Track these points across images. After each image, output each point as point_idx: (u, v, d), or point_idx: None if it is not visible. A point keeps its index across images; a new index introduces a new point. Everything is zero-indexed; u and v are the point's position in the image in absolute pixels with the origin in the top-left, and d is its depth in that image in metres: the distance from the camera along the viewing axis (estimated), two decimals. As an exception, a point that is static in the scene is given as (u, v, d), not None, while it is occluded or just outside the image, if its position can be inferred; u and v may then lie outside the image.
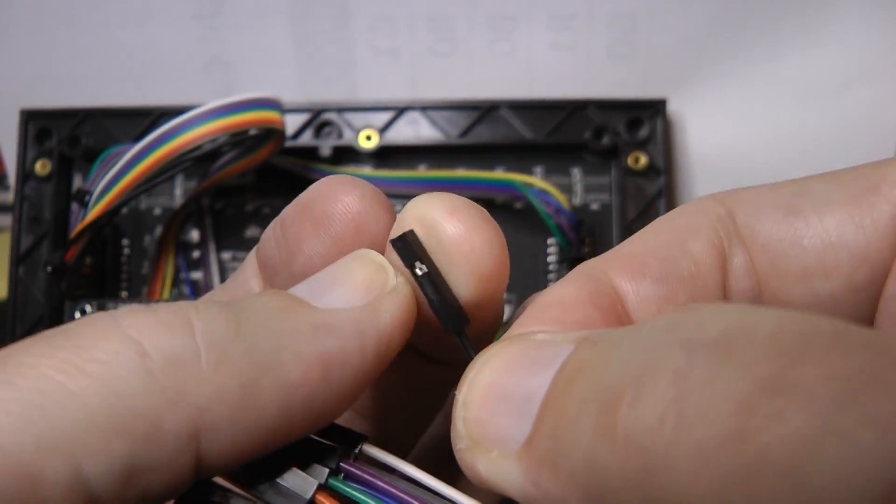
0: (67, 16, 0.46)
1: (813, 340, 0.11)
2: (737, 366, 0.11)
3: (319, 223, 0.17)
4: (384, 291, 0.16)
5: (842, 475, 0.10)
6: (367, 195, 0.18)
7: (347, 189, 0.17)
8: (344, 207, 0.17)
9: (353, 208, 0.17)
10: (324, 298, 0.15)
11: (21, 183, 0.43)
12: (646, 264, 0.16)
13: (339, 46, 0.46)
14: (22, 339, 0.14)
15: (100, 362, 0.13)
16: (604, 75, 0.45)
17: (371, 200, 0.18)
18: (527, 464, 0.13)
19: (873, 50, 0.42)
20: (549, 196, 0.39)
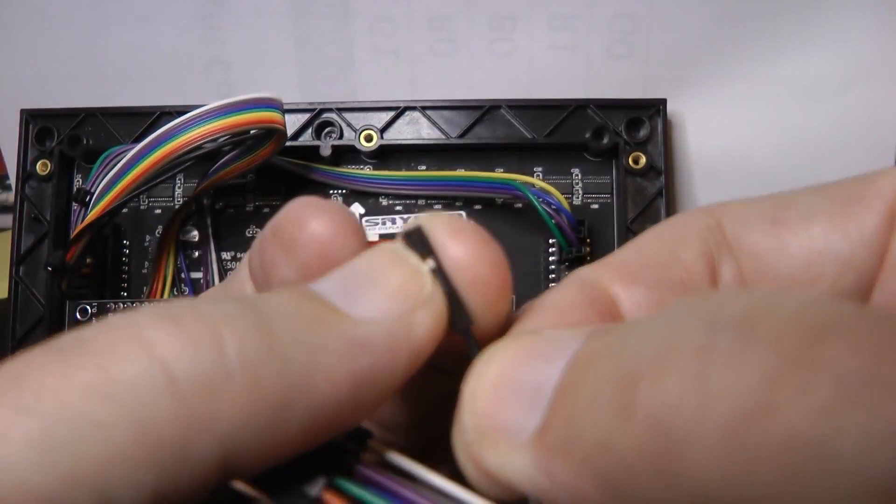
0: (68, 16, 0.46)
1: (837, 318, 0.11)
2: (761, 342, 0.11)
3: (288, 249, 0.16)
4: (419, 301, 0.15)
5: (870, 446, 0.09)
6: (335, 221, 0.16)
7: (314, 214, 0.16)
8: (310, 235, 0.16)
9: (320, 236, 0.16)
10: (357, 304, 0.14)
11: (21, 183, 0.43)
12: (638, 271, 0.16)
13: (339, 46, 0.46)
14: (32, 348, 0.13)
15: (125, 386, 0.12)
16: (604, 75, 0.45)
17: (340, 226, 0.16)
18: (538, 453, 0.13)
19: (873, 50, 0.42)
20: (549, 196, 0.39)
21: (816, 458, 0.10)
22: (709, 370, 0.11)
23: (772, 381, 0.10)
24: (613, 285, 0.16)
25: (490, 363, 0.14)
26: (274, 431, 0.13)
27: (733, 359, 0.11)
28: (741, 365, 0.11)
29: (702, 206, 0.17)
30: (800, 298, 0.12)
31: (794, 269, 0.16)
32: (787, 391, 0.10)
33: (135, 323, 0.13)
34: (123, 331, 0.13)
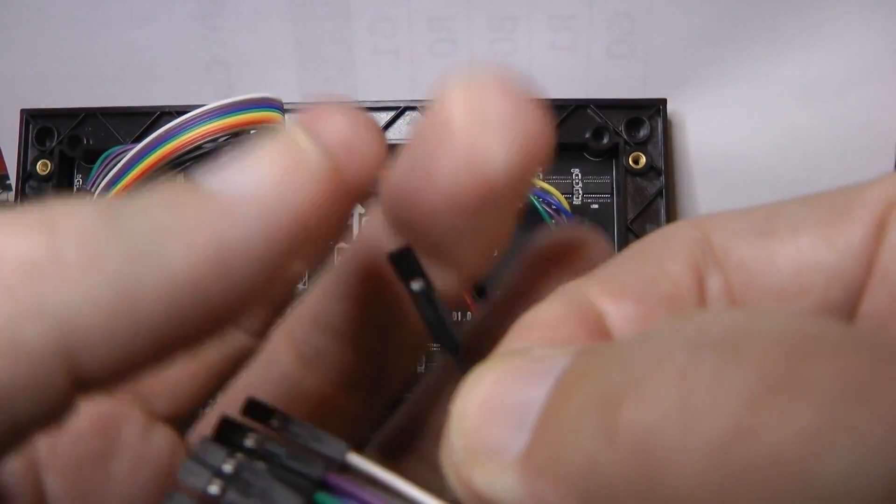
0: (68, 16, 0.46)
1: (821, 339, 0.11)
2: (743, 363, 0.11)
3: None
4: (297, 166, 0.13)
5: (852, 469, 0.09)
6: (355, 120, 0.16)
7: (334, 112, 0.15)
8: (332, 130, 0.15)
9: (342, 132, 0.15)
10: (224, 185, 0.13)
11: (21, 183, 0.43)
12: (625, 285, 0.16)
13: (339, 46, 0.46)
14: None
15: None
16: (604, 75, 0.45)
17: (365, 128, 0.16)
18: (525, 473, 0.13)
19: (873, 50, 0.42)
20: (549, 196, 0.39)
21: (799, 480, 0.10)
22: (691, 391, 0.11)
23: (754, 402, 0.10)
24: (601, 300, 0.16)
25: (478, 383, 0.14)
26: (123, 310, 0.12)
27: (715, 380, 0.11)
28: (723, 386, 0.10)
29: (689, 219, 0.17)
30: (784, 318, 0.12)
31: (782, 282, 0.15)
32: (769, 413, 0.10)
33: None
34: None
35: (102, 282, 0.12)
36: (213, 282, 0.12)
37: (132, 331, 0.12)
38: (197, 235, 0.12)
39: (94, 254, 0.12)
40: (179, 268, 0.12)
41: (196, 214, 0.12)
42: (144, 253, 0.12)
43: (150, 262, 0.12)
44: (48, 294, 0.11)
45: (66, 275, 0.12)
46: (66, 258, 0.12)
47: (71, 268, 0.12)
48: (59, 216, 0.12)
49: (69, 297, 0.11)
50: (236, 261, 0.13)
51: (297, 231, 0.13)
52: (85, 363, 0.12)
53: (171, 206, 0.13)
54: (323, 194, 0.13)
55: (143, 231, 0.12)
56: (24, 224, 0.12)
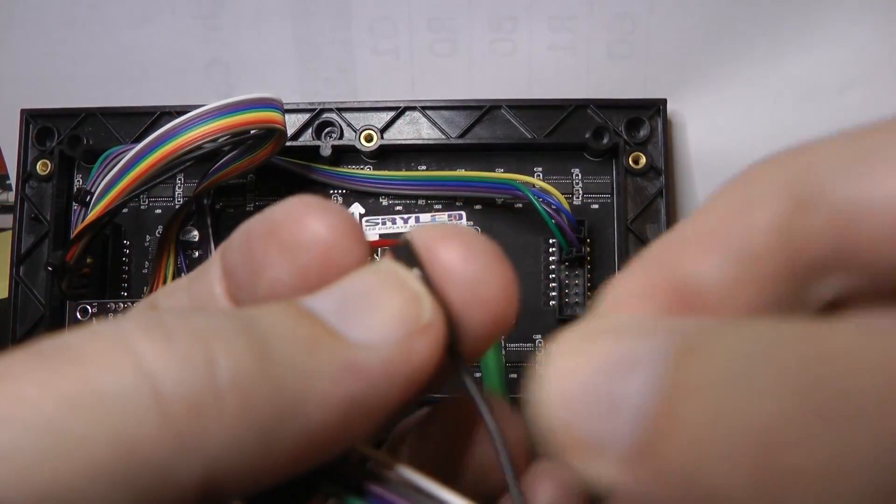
0: (68, 16, 0.47)
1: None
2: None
3: (286, 249, 0.15)
4: (418, 326, 0.14)
5: None
6: (339, 224, 0.15)
7: (318, 215, 0.15)
8: (313, 236, 0.15)
9: (323, 238, 0.15)
10: (354, 326, 0.14)
11: (22, 183, 0.43)
12: (712, 243, 0.14)
13: (339, 46, 0.46)
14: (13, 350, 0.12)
15: (108, 398, 0.11)
16: (604, 75, 0.45)
17: (344, 230, 0.15)
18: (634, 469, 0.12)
19: (873, 50, 0.42)
20: (549, 196, 0.39)
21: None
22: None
23: None
24: (685, 262, 0.14)
25: (569, 365, 0.13)
26: (262, 455, 0.12)
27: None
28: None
29: (785, 151, 0.14)
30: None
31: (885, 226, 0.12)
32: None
33: (122, 332, 0.12)
34: (110, 340, 0.12)
35: (252, 427, 0.12)
36: (339, 431, 0.13)
37: (264, 469, 0.13)
38: (334, 392, 0.13)
39: (248, 400, 0.12)
40: (315, 421, 0.13)
41: (334, 368, 0.13)
42: (289, 404, 0.13)
43: (292, 412, 0.13)
44: (205, 434, 0.12)
45: (223, 418, 0.12)
46: (225, 402, 0.12)
47: (228, 412, 0.12)
48: (217, 352, 0.12)
49: (222, 439, 0.12)
50: (361, 415, 0.13)
51: (411, 388, 0.14)
52: (219, 491, 0.12)
53: (312, 351, 0.13)
54: (433, 356, 0.14)
55: (289, 378, 0.13)
56: (185, 349, 0.12)
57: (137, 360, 0.12)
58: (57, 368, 0.11)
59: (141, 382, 0.12)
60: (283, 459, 0.13)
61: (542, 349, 0.42)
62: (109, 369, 0.12)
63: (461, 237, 0.15)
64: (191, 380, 0.12)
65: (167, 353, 0.12)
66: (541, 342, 0.42)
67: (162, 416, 0.11)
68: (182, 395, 0.12)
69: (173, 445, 0.11)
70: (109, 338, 0.12)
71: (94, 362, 0.12)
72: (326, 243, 0.15)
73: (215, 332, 0.12)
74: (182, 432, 0.12)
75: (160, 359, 0.12)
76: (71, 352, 0.12)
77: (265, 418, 0.12)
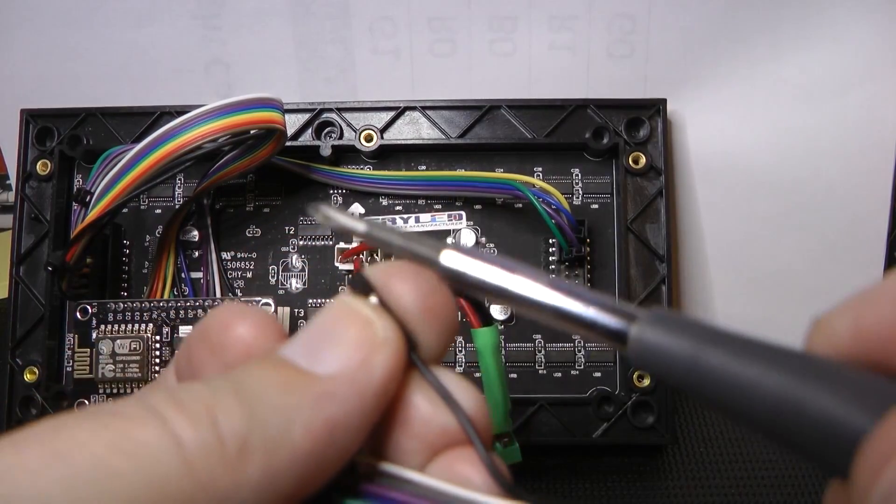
0: (68, 16, 0.47)
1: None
2: None
3: (215, 351, 0.18)
4: (375, 345, 0.17)
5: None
6: (259, 324, 0.18)
7: (240, 319, 0.18)
8: (236, 337, 0.18)
9: (246, 338, 0.18)
10: (320, 362, 0.17)
11: (22, 183, 0.43)
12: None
13: (339, 46, 0.46)
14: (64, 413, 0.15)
15: (144, 446, 0.15)
16: (604, 75, 0.45)
17: (264, 329, 0.18)
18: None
19: (872, 50, 0.42)
20: (549, 196, 0.39)
21: None
22: None
23: None
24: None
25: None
26: (265, 483, 0.15)
27: None
28: None
29: None
30: None
31: None
32: None
33: (149, 401, 0.16)
34: (141, 407, 0.15)
35: (252, 465, 0.15)
36: (325, 449, 0.16)
37: (271, 496, 0.15)
38: (313, 418, 0.16)
39: (246, 444, 0.15)
40: (303, 446, 0.16)
41: (310, 400, 0.16)
42: (279, 440, 0.16)
43: (283, 445, 0.16)
44: (218, 476, 0.15)
45: (229, 461, 0.15)
46: (228, 448, 0.15)
47: (232, 456, 0.15)
48: (217, 412, 0.16)
49: (232, 478, 0.15)
50: (341, 431, 0.16)
51: (382, 398, 0.17)
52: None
53: (290, 392, 0.16)
54: (395, 366, 0.17)
55: (275, 419, 0.16)
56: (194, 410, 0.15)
57: (162, 419, 0.15)
58: (103, 421, 0.15)
59: (166, 435, 0.15)
60: (285, 484, 0.16)
61: (541, 350, 0.42)
62: (142, 425, 0.15)
63: (407, 268, 0.18)
64: (202, 432, 0.15)
65: (182, 413, 0.15)
66: (540, 342, 0.42)
67: (183, 459, 0.15)
68: (196, 443, 0.15)
69: (192, 482, 0.15)
70: (140, 405, 0.15)
71: (131, 419, 0.15)
72: (249, 341, 0.18)
73: (212, 395, 0.16)
74: (199, 472, 0.15)
75: (177, 418, 0.15)
76: (113, 412, 0.15)
77: (260, 453, 0.15)
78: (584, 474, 0.41)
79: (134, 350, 0.38)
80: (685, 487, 0.40)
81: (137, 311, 0.39)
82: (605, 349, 0.41)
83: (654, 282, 0.40)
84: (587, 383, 0.41)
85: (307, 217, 0.43)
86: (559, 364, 0.41)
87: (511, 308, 0.21)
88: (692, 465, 0.41)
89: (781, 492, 0.39)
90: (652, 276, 0.41)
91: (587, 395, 0.41)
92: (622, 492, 0.40)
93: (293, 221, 0.43)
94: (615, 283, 0.41)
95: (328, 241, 0.43)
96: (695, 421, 0.44)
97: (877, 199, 0.43)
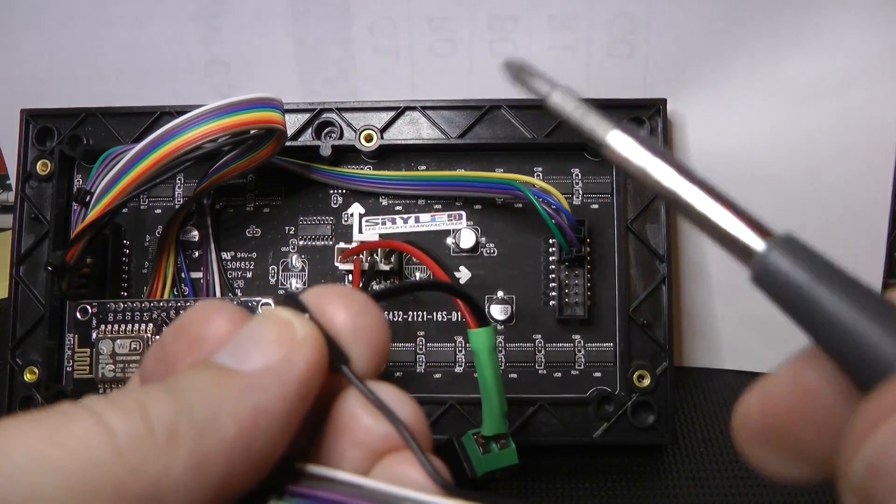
0: (68, 16, 0.47)
1: None
2: None
3: (193, 344, 0.19)
4: (295, 343, 0.19)
5: None
6: (236, 318, 0.20)
7: (218, 312, 0.20)
8: (215, 329, 0.19)
9: (224, 330, 0.19)
10: (245, 361, 0.18)
11: (21, 183, 0.43)
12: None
13: (339, 46, 0.46)
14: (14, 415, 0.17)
15: (77, 438, 0.16)
16: (604, 75, 0.45)
17: (240, 323, 0.20)
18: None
19: (872, 51, 0.42)
20: (549, 196, 0.39)
21: None
22: None
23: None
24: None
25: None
26: (195, 466, 0.16)
27: None
28: None
29: None
30: None
31: None
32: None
33: (83, 405, 0.17)
34: (78, 405, 0.17)
35: (182, 451, 0.16)
36: (252, 436, 0.17)
37: (202, 481, 0.16)
38: (240, 406, 0.17)
39: (175, 430, 0.16)
40: (230, 432, 0.17)
41: (236, 391, 0.18)
42: (207, 426, 0.17)
43: (211, 432, 0.17)
44: (147, 459, 0.16)
45: (159, 446, 0.16)
46: (158, 434, 0.16)
47: (161, 441, 0.16)
48: (147, 403, 0.17)
49: (161, 462, 0.16)
50: (267, 419, 0.17)
51: (305, 390, 0.18)
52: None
53: (218, 386, 0.18)
54: (314, 360, 0.19)
55: (204, 409, 0.17)
56: (126, 408, 0.17)
57: (96, 415, 0.16)
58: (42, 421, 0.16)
59: (99, 426, 0.16)
60: (216, 468, 0.17)
61: (541, 349, 0.42)
62: (78, 420, 0.16)
63: (339, 291, 0.20)
64: (131, 422, 0.16)
65: (114, 408, 0.17)
66: (540, 342, 0.42)
67: (114, 446, 0.16)
68: (126, 431, 0.16)
69: (124, 466, 0.16)
70: (77, 404, 0.17)
71: (68, 415, 0.16)
72: (227, 333, 0.19)
73: (145, 393, 0.17)
74: (130, 457, 0.16)
75: (110, 412, 0.16)
76: (49, 413, 0.17)
77: (189, 438, 0.16)
78: (584, 474, 0.41)
79: (134, 350, 0.38)
80: (685, 487, 0.40)
81: (137, 311, 0.39)
82: (604, 349, 0.41)
83: (654, 282, 0.40)
84: (587, 383, 0.41)
85: (307, 217, 0.43)
86: (559, 364, 0.41)
87: (662, 200, 0.22)
88: (692, 465, 0.41)
89: (781, 492, 0.39)
90: (652, 276, 0.41)
91: (587, 395, 0.41)
92: (622, 492, 0.40)
93: (293, 221, 0.43)
94: (615, 283, 0.41)
95: (328, 241, 0.43)
96: (695, 421, 0.44)
97: (877, 199, 0.43)
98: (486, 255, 0.42)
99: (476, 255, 0.42)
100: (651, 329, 0.40)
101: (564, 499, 0.40)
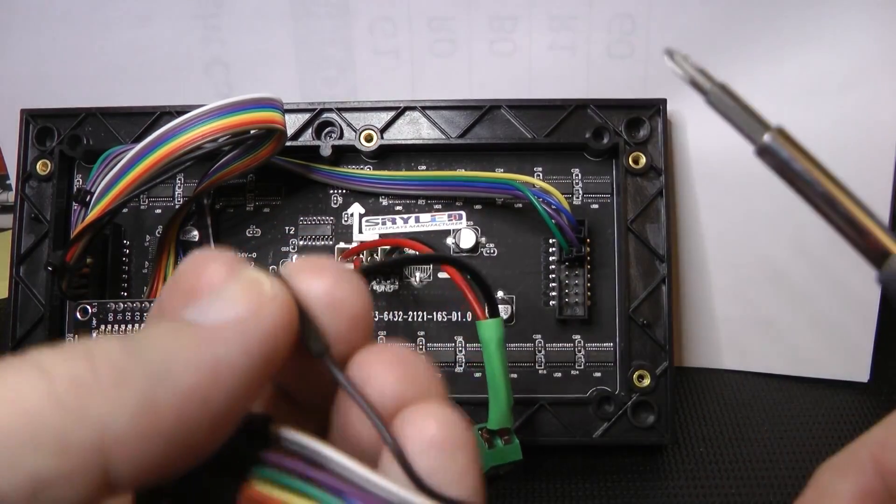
0: (68, 16, 0.47)
1: None
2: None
3: (188, 295, 0.19)
4: (264, 300, 0.18)
5: None
6: (231, 266, 0.19)
7: (212, 261, 0.19)
8: (208, 279, 0.19)
9: (218, 279, 0.19)
10: (209, 315, 0.17)
11: (21, 183, 0.43)
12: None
13: (339, 46, 0.46)
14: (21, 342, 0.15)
15: (11, 388, 0.15)
16: (604, 75, 0.45)
17: (235, 269, 0.19)
18: None
19: (872, 50, 0.42)
20: (549, 196, 0.39)
21: None
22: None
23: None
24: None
25: None
26: (145, 416, 0.15)
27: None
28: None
29: None
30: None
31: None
32: None
33: (24, 356, 0.16)
34: (22, 358, 0.16)
35: (130, 395, 0.15)
36: (212, 391, 0.16)
37: (152, 432, 0.15)
38: (197, 356, 0.16)
39: (123, 375, 0.15)
40: (186, 382, 0.16)
41: (196, 341, 0.17)
42: (160, 373, 0.16)
43: (164, 379, 0.16)
44: (90, 404, 0.15)
45: (103, 390, 0.15)
46: (102, 378, 0.15)
47: (106, 385, 0.15)
48: (94, 348, 0.16)
49: (106, 407, 0.15)
50: (227, 372, 0.16)
51: (270, 347, 0.17)
52: (116, 462, 0.15)
53: (176, 336, 0.17)
54: (282, 319, 0.18)
55: (158, 356, 0.16)
56: (69, 353, 0.16)
57: (37, 363, 0.15)
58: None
59: (36, 373, 0.15)
60: (168, 420, 0.16)
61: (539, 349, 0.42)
62: (17, 371, 0.15)
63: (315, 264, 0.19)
64: (73, 365, 0.15)
65: (56, 354, 0.16)
66: (540, 342, 0.42)
67: (52, 392, 0.15)
68: (66, 376, 0.15)
69: (64, 412, 0.15)
70: (15, 359, 0.16)
71: (9, 367, 0.15)
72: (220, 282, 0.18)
73: (96, 341, 0.16)
74: (70, 403, 0.15)
75: (51, 358, 0.15)
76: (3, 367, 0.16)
77: (139, 385, 0.15)
78: (584, 474, 0.41)
79: (134, 350, 0.38)
80: (685, 487, 0.40)
81: (137, 311, 0.39)
82: (604, 349, 0.41)
83: (654, 282, 0.40)
84: (587, 383, 0.41)
85: (307, 217, 0.43)
86: (559, 364, 0.41)
87: (810, 202, 0.23)
88: (692, 465, 0.41)
89: (781, 492, 0.39)
90: (652, 276, 0.41)
91: (587, 395, 0.41)
92: (622, 492, 0.40)
93: (293, 221, 0.43)
94: (615, 282, 0.41)
95: (328, 241, 0.43)
96: (695, 421, 0.44)
97: (877, 199, 0.43)
98: (486, 255, 0.42)
99: (476, 255, 0.42)
100: (651, 329, 0.40)
101: (564, 499, 0.40)
